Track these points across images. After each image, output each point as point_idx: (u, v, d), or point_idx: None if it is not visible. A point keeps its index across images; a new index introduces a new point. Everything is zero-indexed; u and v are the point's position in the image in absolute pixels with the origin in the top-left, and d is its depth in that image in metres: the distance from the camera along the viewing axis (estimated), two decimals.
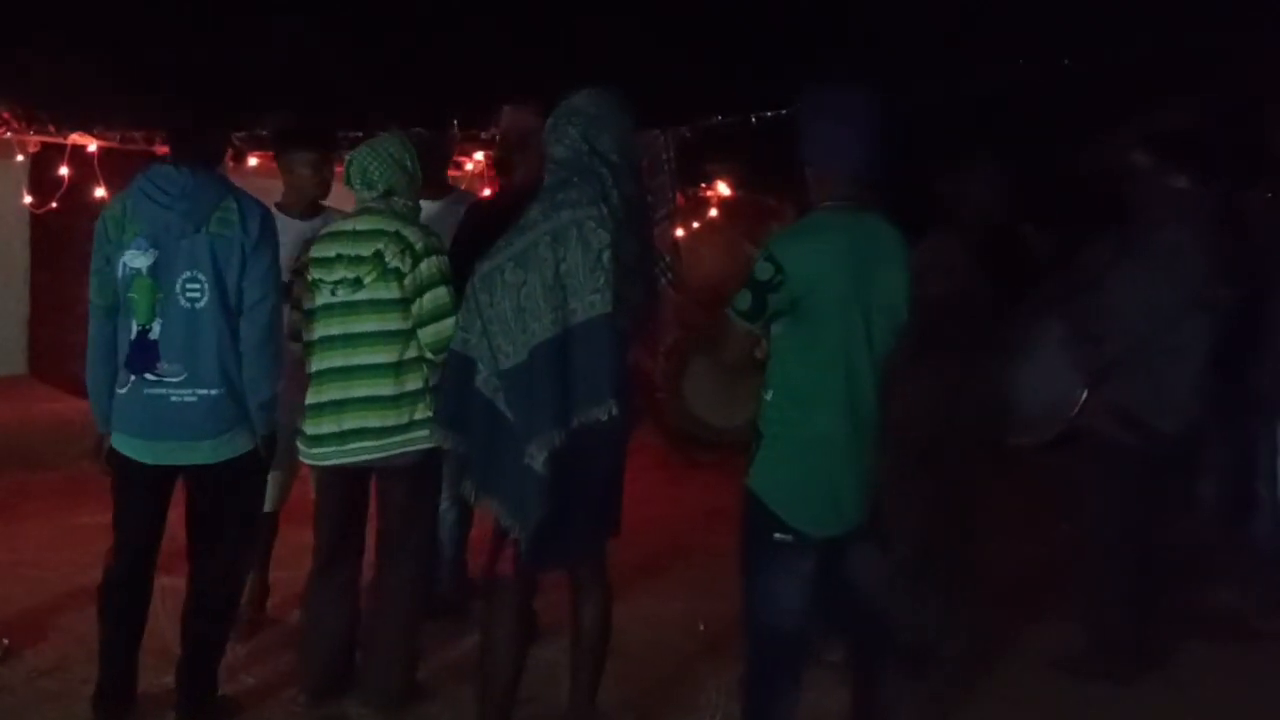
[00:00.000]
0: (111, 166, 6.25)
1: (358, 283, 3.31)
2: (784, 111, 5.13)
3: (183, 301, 3.13)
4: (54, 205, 6.50)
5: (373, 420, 3.32)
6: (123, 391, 3.18)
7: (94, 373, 3.24)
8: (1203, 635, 4.21)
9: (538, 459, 2.88)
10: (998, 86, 5.46)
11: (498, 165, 4.18)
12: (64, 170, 6.48)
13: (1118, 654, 3.85)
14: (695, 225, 7.61)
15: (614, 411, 2.88)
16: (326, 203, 4.02)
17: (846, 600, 2.89)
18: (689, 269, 6.68)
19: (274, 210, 3.86)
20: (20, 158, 6.83)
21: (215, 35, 6.50)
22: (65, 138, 6.49)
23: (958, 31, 5.66)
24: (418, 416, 3.34)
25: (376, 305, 3.32)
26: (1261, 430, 4.60)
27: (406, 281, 3.31)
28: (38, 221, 7.44)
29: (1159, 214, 3.81)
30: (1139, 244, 3.85)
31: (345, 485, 3.46)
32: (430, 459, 3.38)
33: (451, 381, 3.11)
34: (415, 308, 3.32)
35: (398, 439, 3.33)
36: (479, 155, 6.91)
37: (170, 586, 3.46)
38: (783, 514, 2.73)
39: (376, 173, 3.39)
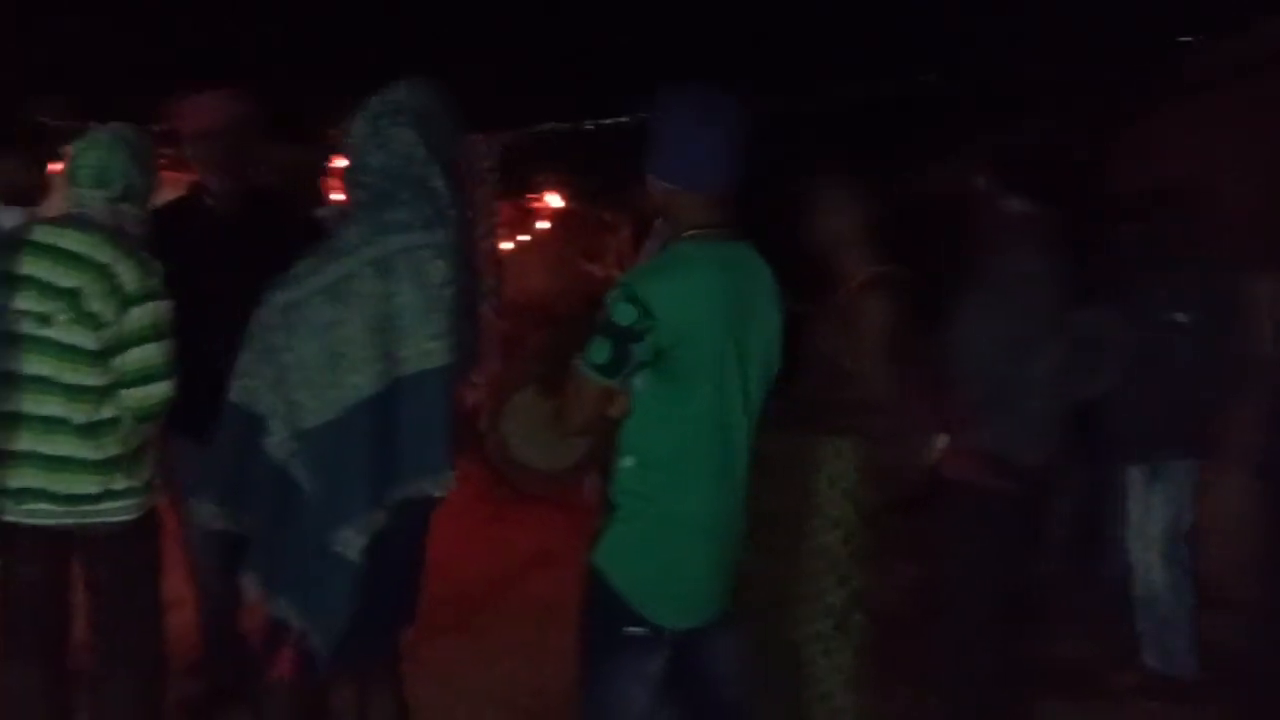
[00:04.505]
0: None
1: (45, 319, 2.63)
2: (624, 119, 4.68)
3: None
4: None
5: (56, 484, 2.67)
6: None
7: None
8: (1053, 690, 4.00)
9: (354, 546, 2.32)
10: (848, 101, 5.19)
11: (215, 163, 3.40)
12: None
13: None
14: (523, 238, 7.15)
15: (452, 484, 2.37)
16: None
17: (702, 700, 2.43)
18: (516, 286, 6.20)
19: None
20: None
21: None
22: None
23: (812, 40, 5.38)
24: (115, 486, 2.72)
25: (65, 352, 2.65)
26: (1112, 471, 4.48)
27: (107, 332, 2.64)
28: None
29: (1003, 241, 3.57)
30: (986, 275, 3.59)
31: (30, 546, 2.76)
32: (142, 524, 2.78)
33: (229, 443, 2.46)
34: (117, 363, 2.66)
35: (85, 509, 2.70)
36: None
37: None
38: (636, 603, 2.25)
39: (116, 166, 2.72)
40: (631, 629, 2.26)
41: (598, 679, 2.35)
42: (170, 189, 3.36)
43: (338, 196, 4.21)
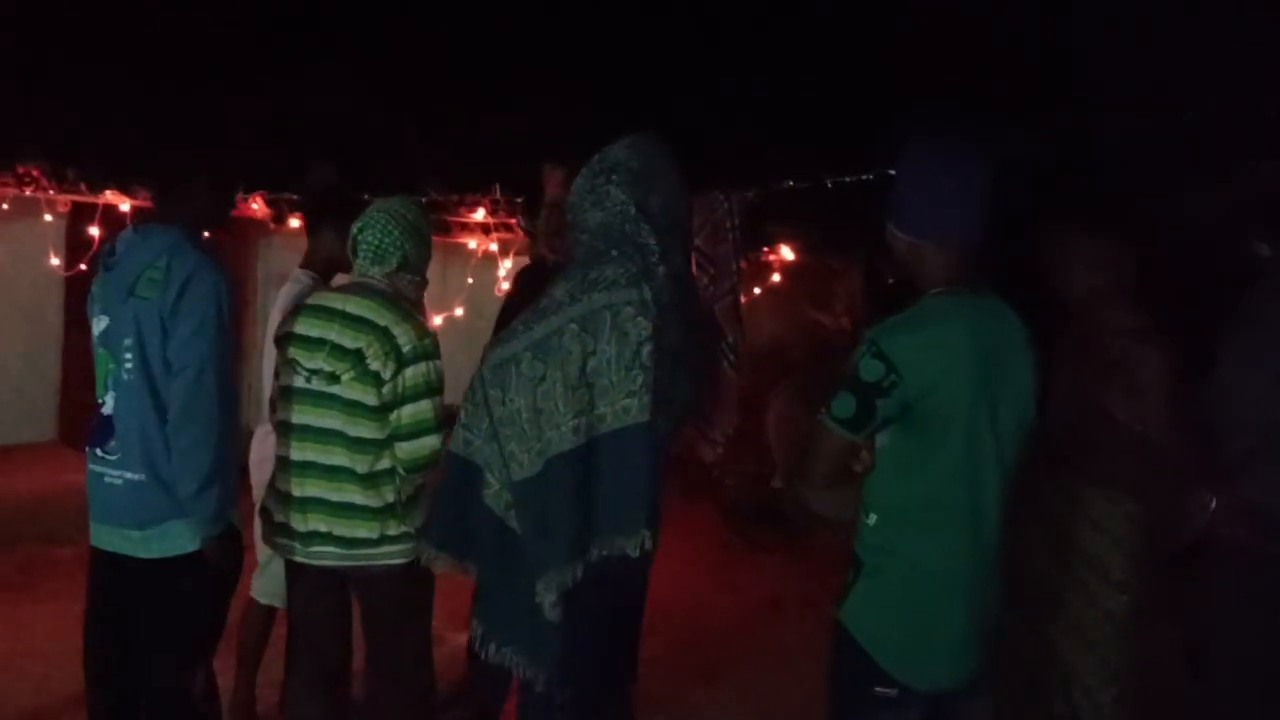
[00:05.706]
0: None
1: (333, 377, 2.88)
2: (866, 177, 4.67)
3: (123, 374, 2.79)
4: (83, 267, 6.22)
5: (340, 528, 2.90)
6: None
7: None
8: None
9: (546, 600, 2.35)
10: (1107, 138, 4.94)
11: (553, 231, 3.71)
12: (94, 231, 6.25)
13: None
14: (756, 290, 7.21)
15: (648, 545, 2.35)
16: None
17: None
18: (750, 337, 6.24)
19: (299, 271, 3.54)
20: (49, 217, 6.58)
21: (258, 90, 6.22)
22: (98, 196, 6.27)
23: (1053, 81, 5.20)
24: (390, 532, 2.91)
25: (349, 407, 2.88)
26: None
27: (385, 390, 2.86)
28: (72, 283, 7.17)
29: (1263, 286, 3.35)
30: (1250, 318, 3.38)
31: (315, 584, 3.01)
32: (413, 566, 2.94)
33: (451, 493, 2.55)
34: (393, 418, 2.87)
35: (364, 552, 2.91)
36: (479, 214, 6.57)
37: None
38: (886, 664, 2.23)
39: (391, 243, 2.96)
40: (881, 690, 2.23)
41: None
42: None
43: None
